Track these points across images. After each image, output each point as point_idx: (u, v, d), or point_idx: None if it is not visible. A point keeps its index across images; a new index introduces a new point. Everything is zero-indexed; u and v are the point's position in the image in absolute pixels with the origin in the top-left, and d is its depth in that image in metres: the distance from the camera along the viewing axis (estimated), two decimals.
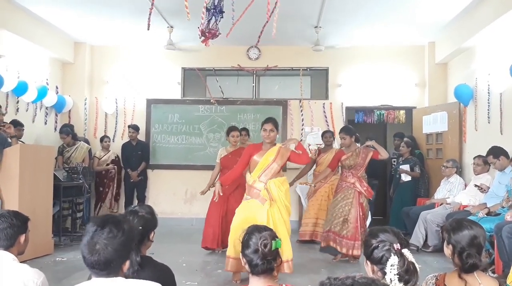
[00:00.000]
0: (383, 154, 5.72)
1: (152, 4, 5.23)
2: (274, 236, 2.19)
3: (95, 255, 1.86)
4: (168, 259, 3.17)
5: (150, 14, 5.35)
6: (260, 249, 2.12)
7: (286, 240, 4.65)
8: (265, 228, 2.27)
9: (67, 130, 7.80)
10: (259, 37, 6.28)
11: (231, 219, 5.02)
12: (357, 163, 5.74)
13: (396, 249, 1.87)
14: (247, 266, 2.20)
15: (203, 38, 5.24)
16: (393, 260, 1.84)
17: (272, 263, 2.14)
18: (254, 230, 2.24)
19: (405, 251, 1.88)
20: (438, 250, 6.29)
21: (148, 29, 5.66)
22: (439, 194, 6.96)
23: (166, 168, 8.82)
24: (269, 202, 4.70)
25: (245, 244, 2.21)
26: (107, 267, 1.89)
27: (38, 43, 7.58)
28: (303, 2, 6.57)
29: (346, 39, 8.35)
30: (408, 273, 1.84)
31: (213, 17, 5.08)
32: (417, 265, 1.89)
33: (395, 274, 1.82)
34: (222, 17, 5.12)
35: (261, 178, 4.79)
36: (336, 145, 7.52)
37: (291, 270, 4.68)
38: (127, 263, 1.98)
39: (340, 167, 6.05)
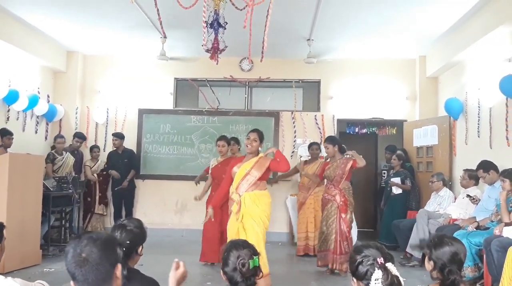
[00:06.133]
0: (360, 162, 5.66)
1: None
2: (252, 254, 2.16)
3: (84, 265, 1.83)
4: (157, 271, 3.14)
5: None
6: (238, 268, 2.12)
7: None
8: (243, 245, 2.23)
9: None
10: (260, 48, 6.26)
11: None
12: (337, 174, 5.76)
13: (379, 263, 1.90)
14: (228, 283, 2.20)
15: (209, 55, 5.27)
16: (377, 274, 1.88)
17: (252, 279, 2.14)
18: (232, 247, 2.22)
19: (389, 265, 1.92)
20: None
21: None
22: (429, 207, 6.97)
23: (157, 178, 8.76)
24: (236, 216, 4.64)
25: (224, 261, 2.20)
26: (100, 274, 1.87)
27: (30, 51, 7.54)
28: (295, 15, 6.63)
29: (338, 52, 8.41)
30: None
31: (215, 31, 5.10)
32: (401, 279, 1.93)
33: None
34: (225, 28, 5.14)
35: (238, 189, 4.73)
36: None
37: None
38: (119, 267, 1.95)
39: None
